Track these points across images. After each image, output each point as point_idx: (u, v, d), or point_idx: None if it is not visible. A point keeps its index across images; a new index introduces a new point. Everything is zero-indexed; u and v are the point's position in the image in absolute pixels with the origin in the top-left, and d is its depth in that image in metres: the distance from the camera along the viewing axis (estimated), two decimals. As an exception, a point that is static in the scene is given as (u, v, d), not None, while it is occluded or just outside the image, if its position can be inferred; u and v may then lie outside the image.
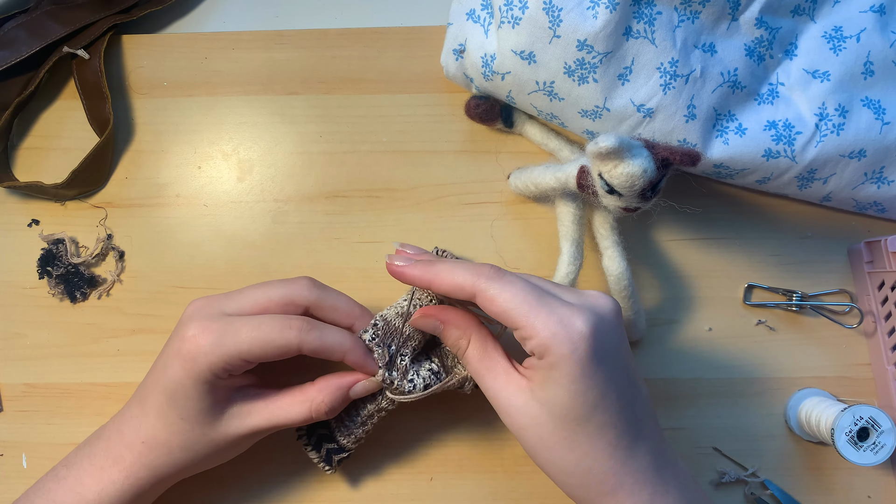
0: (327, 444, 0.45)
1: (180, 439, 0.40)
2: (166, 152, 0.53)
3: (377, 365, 0.42)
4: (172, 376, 0.39)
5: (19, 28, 0.52)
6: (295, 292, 0.42)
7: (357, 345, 0.42)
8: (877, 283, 0.49)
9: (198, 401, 0.40)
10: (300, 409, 0.41)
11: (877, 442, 0.43)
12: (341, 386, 0.42)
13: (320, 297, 0.42)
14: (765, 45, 0.46)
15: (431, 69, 0.54)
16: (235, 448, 0.43)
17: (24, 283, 0.51)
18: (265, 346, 0.39)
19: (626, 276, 0.46)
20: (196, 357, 0.39)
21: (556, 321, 0.35)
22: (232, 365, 0.39)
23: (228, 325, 0.39)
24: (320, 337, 0.40)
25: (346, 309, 0.43)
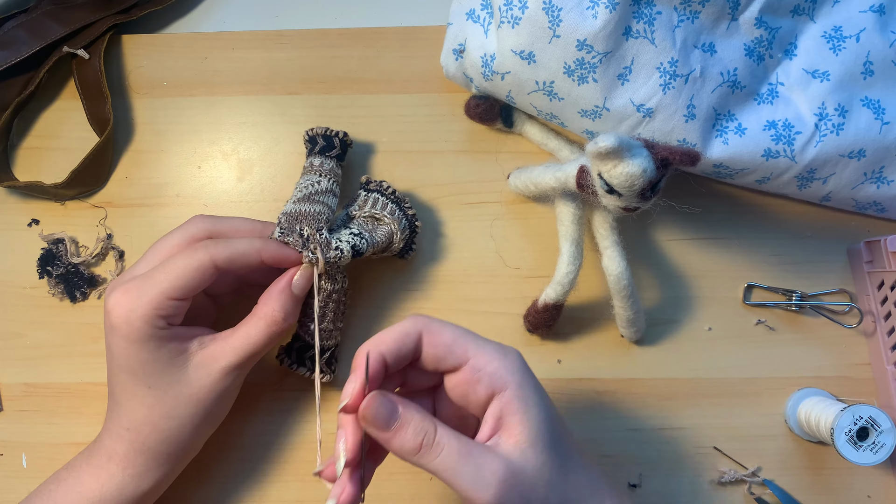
0: (308, 354, 0.46)
1: (159, 409, 0.40)
2: (166, 152, 0.53)
3: (296, 251, 0.43)
4: (118, 351, 0.39)
5: (19, 28, 0.52)
6: (192, 229, 0.42)
7: (267, 240, 0.42)
8: (876, 282, 0.49)
9: (153, 361, 0.39)
10: (258, 328, 0.41)
11: (876, 442, 0.43)
12: (282, 287, 0.42)
13: (216, 223, 0.43)
14: (764, 44, 0.46)
15: (431, 69, 0.54)
16: (220, 399, 0.42)
17: (24, 283, 0.51)
18: (181, 275, 0.39)
19: (625, 276, 0.46)
20: (127, 318, 0.39)
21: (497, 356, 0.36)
22: (163, 308, 0.39)
23: (143, 277, 0.40)
24: (228, 245, 0.41)
25: (247, 227, 0.43)
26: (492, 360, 0.35)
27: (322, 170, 0.47)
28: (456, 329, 0.36)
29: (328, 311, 0.45)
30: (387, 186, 0.49)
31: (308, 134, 0.49)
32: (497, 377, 0.35)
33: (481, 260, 0.51)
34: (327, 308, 0.45)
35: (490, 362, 0.35)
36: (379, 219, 0.47)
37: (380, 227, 0.47)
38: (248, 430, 0.48)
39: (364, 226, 0.47)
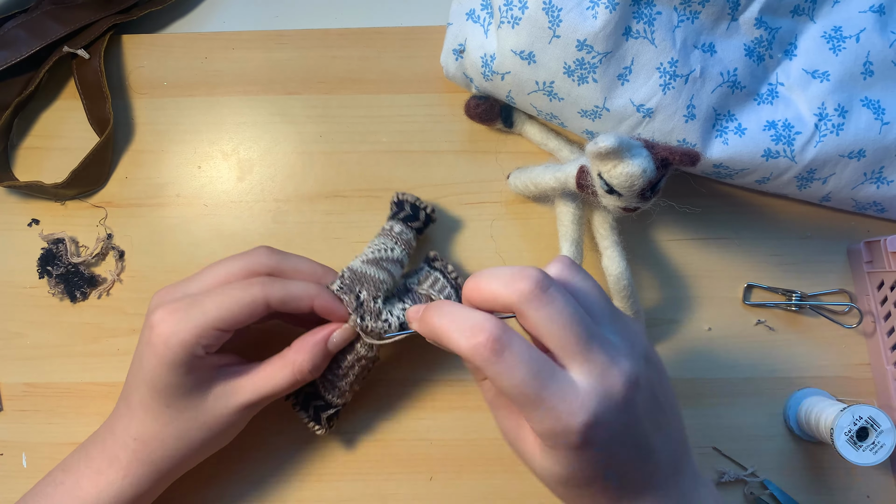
0: (314, 403, 0.45)
1: (171, 429, 0.40)
2: (166, 152, 0.53)
3: (347, 310, 0.43)
4: (148, 366, 0.39)
5: (19, 28, 0.52)
6: (254, 261, 0.42)
7: (323, 290, 0.42)
8: (876, 282, 0.49)
9: (179, 385, 0.39)
10: (283, 374, 0.41)
11: (876, 442, 0.43)
12: (317, 341, 0.42)
13: (280, 261, 0.42)
14: (764, 45, 0.46)
15: (431, 69, 0.54)
16: (229, 430, 0.42)
17: (24, 283, 0.51)
18: (232, 308, 0.39)
19: (625, 276, 0.46)
20: (167, 340, 0.38)
21: (553, 418, 0.32)
22: (205, 337, 0.39)
23: (193, 300, 0.39)
24: (284, 287, 0.40)
25: (309, 270, 0.43)
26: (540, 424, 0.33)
27: (399, 238, 0.47)
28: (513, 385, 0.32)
29: (351, 374, 0.45)
30: (451, 270, 0.48)
31: (397, 197, 0.49)
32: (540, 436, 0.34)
33: (481, 260, 0.51)
34: (352, 370, 0.45)
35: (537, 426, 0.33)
36: (434, 298, 0.46)
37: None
38: (248, 429, 0.48)
39: (418, 301, 0.46)
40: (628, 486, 0.35)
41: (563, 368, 0.32)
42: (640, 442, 0.34)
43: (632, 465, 0.34)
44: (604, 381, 0.32)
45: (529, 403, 0.32)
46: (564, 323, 0.32)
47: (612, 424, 0.32)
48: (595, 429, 0.32)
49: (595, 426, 0.32)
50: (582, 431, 0.31)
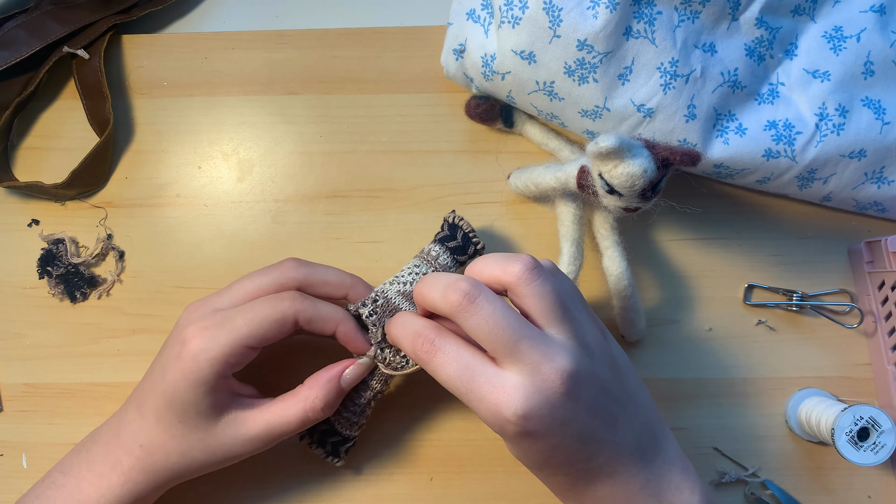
0: (331, 439, 0.45)
1: (178, 444, 0.40)
2: (166, 152, 0.53)
3: (368, 341, 0.43)
4: (172, 380, 0.39)
5: (19, 28, 0.52)
6: (283, 275, 0.42)
7: (349, 317, 0.43)
8: (877, 283, 0.49)
9: (196, 404, 0.40)
10: (295, 410, 0.41)
11: (877, 442, 0.43)
12: (331, 378, 0.42)
13: (308, 273, 0.43)
14: (765, 45, 0.46)
15: (431, 69, 0.54)
16: (232, 458, 0.42)
17: (24, 283, 0.51)
18: (262, 324, 0.39)
19: (626, 276, 0.46)
20: (196, 356, 0.39)
21: (484, 408, 0.34)
22: (234, 356, 0.39)
23: (224, 317, 0.40)
24: (314, 305, 0.41)
25: (337, 280, 0.43)
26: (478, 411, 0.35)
27: (438, 267, 0.45)
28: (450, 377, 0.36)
29: (368, 408, 0.45)
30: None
31: (452, 218, 0.46)
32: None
33: (481, 260, 0.51)
34: (369, 405, 0.45)
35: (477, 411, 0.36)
36: None
37: None
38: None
39: None
40: (579, 474, 0.37)
41: (498, 367, 0.35)
42: (585, 435, 0.36)
43: (578, 456, 0.36)
44: (535, 377, 0.34)
45: (463, 396, 0.35)
46: (491, 328, 0.34)
47: (546, 418, 0.34)
48: (527, 421, 0.34)
49: (526, 419, 0.34)
50: (513, 422, 0.34)
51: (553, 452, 0.35)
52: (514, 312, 0.35)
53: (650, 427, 0.39)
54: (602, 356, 0.37)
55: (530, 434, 0.34)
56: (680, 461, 0.39)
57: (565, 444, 0.35)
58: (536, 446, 0.35)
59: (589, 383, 0.35)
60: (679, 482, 0.39)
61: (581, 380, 0.35)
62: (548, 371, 0.34)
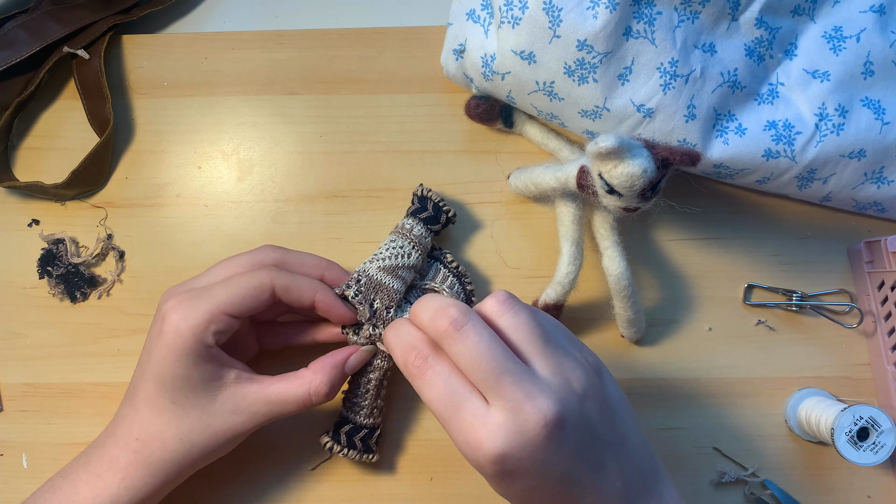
0: (358, 436, 0.45)
1: (175, 428, 0.40)
2: (166, 152, 0.53)
3: (348, 309, 0.43)
4: (157, 358, 0.39)
5: (19, 28, 0.52)
6: (259, 255, 0.43)
7: (326, 288, 0.43)
8: (877, 282, 0.49)
9: (187, 378, 0.39)
10: (298, 391, 0.41)
11: (877, 442, 0.43)
12: (336, 363, 0.42)
13: (284, 255, 0.43)
14: (765, 45, 0.46)
15: (431, 69, 0.54)
16: (233, 438, 0.41)
17: (24, 283, 0.51)
18: (240, 291, 0.40)
19: (626, 276, 0.46)
20: (177, 327, 0.39)
21: (464, 440, 0.33)
22: (215, 322, 0.39)
23: (202, 290, 0.40)
24: (290, 275, 0.42)
25: (313, 263, 0.44)
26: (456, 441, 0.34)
27: (417, 242, 0.46)
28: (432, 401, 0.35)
29: (381, 389, 0.46)
30: (451, 260, 0.48)
31: (421, 192, 0.48)
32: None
33: (481, 260, 0.51)
34: (381, 386, 0.45)
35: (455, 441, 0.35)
36: (438, 291, 0.47)
37: None
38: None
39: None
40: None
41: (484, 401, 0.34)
42: (568, 479, 0.34)
43: (560, 499, 0.35)
44: (517, 416, 0.32)
45: (444, 422, 0.34)
46: (475, 358, 0.33)
47: (525, 461, 0.33)
48: (505, 460, 0.32)
49: (504, 458, 0.32)
50: (491, 461, 0.33)
51: (532, 493, 0.34)
52: (501, 345, 0.34)
53: (642, 473, 0.37)
54: (592, 395, 0.35)
55: (508, 474, 0.33)
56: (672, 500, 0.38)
57: (547, 486, 0.34)
58: (515, 487, 0.34)
59: (574, 425, 0.33)
60: None
61: (565, 422, 0.33)
62: (530, 411, 0.32)
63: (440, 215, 0.48)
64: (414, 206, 0.48)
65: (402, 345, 0.36)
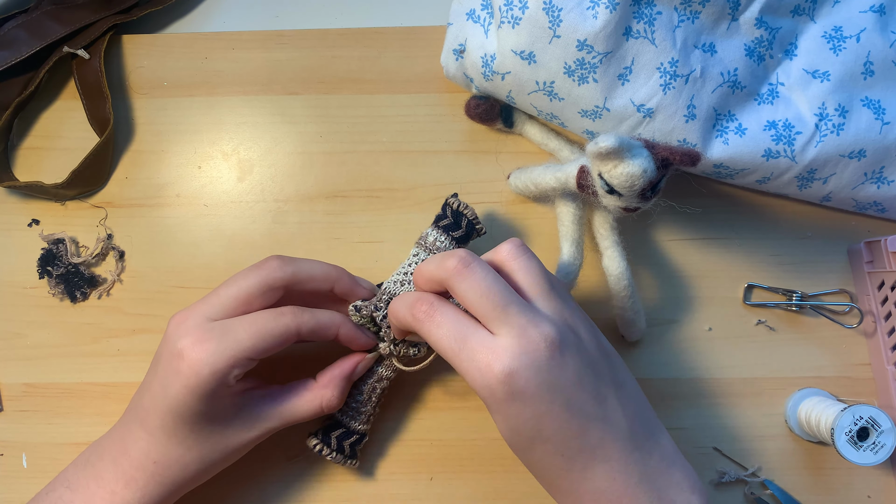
0: (346, 441, 0.45)
1: (194, 453, 0.41)
2: (166, 152, 0.53)
3: (368, 337, 0.44)
4: (174, 393, 0.39)
5: (19, 28, 0.52)
6: (270, 276, 0.42)
7: (346, 319, 0.44)
8: (877, 283, 0.49)
9: (205, 414, 0.39)
10: (311, 405, 0.43)
11: (877, 442, 0.43)
12: (345, 375, 0.44)
13: (294, 271, 0.43)
14: (765, 45, 0.46)
15: (431, 69, 0.54)
16: (245, 448, 0.43)
17: (24, 283, 0.51)
18: (265, 337, 0.40)
19: (626, 276, 0.46)
20: (199, 370, 0.38)
21: (474, 368, 0.35)
22: (238, 366, 0.39)
23: (224, 329, 0.39)
24: (314, 316, 0.42)
25: (322, 274, 0.44)
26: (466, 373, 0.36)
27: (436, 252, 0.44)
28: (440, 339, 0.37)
29: (374, 397, 0.46)
30: None
31: (454, 203, 0.45)
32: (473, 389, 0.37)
33: (481, 260, 0.51)
34: (374, 392, 0.46)
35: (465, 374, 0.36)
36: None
37: None
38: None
39: None
40: (573, 454, 0.36)
41: (489, 332, 0.36)
42: (574, 406, 0.36)
43: (568, 428, 0.36)
44: (521, 339, 0.35)
45: (455, 356, 0.36)
46: (483, 292, 0.36)
47: (532, 379, 0.35)
48: (513, 379, 0.35)
49: (512, 376, 0.35)
50: (501, 381, 0.35)
51: (541, 421, 0.36)
52: (504, 282, 0.37)
53: (645, 417, 0.39)
54: (589, 338, 0.38)
55: (517, 396, 0.35)
56: (679, 459, 0.39)
57: (553, 413, 0.35)
58: (525, 414, 0.35)
59: (574, 354, 0.36)
60: (679, 480, 0.38)
61: (566, 348, 0.36)
62: (534, 334, 0.35)
63: (472, 233, 0.45)
64: (446, 220, 0.45)
65: (408, 302, 0.39)
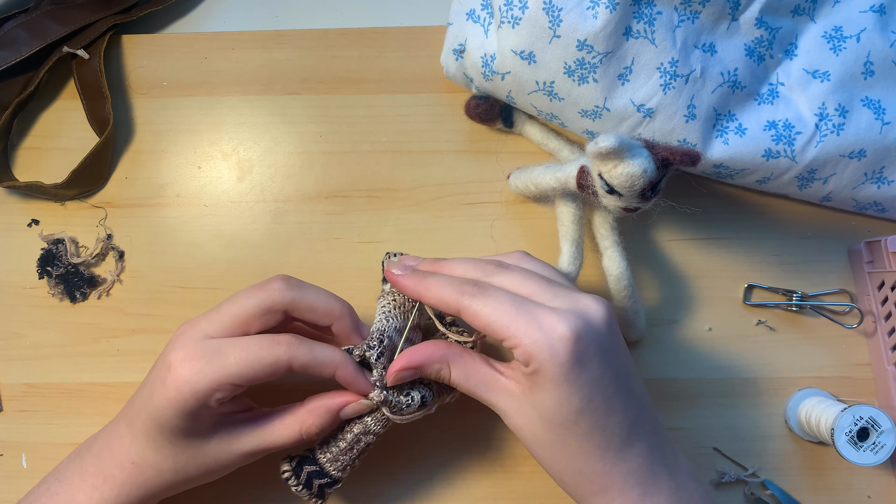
0: (318, 481, 0.43)
1: (170, 463, 0.40)
2: (166, 152, 0.53)
3: (369, 382, 0.40)
4: (158, 405, 0.39)
5: (19, 28, 0.52)
6: (270, 298, 0.40)
7: (348, 360, 0.40)
8: (877, 283, 0.49)
9: (184, 429, 0.39)
10: (290, 431, 0.41)
11: (877, 442, 0.43)
12: (331, 408, 0.41)
13: (296, 297, 0.40)
14: (765, 45, 0.46)
15: (431, 69, 0.54)
16: (223, 471, 0.42)
17: (24, 283, 0.51)
18: (254, 366, 0.38)
19: (626, 276, 0.46)
20: (181, 387, 0.38)
21: (536, 328, 0.35)
22: (220, 391, 0.38)
23: (215, 349, 0.38)
24: (310, 351, 0.39)
25: (325, 309, 0.41)
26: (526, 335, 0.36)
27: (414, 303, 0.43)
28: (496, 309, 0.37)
29: (356, 448, 0.42)
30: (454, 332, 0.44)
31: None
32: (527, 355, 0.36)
33: (481, 260, 0.51)
34: (358, 444, 0.42)
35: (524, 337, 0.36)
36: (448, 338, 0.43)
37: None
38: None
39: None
40: (614, 427, 0.36)
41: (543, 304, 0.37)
42: (620, 377, 0.37)
43: (616, 397, 0.36)
44: (578, 308, 0.37)
45: (512, 322, 0.36)
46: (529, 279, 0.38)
47: (592, 345, 0.36)
48: (579, 341, 0.35)
49: (579, 339, 0.35)
50: (568, 340, 0.35)
51: (594, 389, 0.36)
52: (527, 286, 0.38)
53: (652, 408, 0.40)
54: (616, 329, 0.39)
55: (579, 359, 0.35)
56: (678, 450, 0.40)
57: (606, 382, 0.36)
58: (581, 380, 0.35)
59: (618, 329, 0.38)
60: (685, 468, 0.39)
61: (614, 322, 0.38)
62: (590, 305, 0.37)
63: None
64: None
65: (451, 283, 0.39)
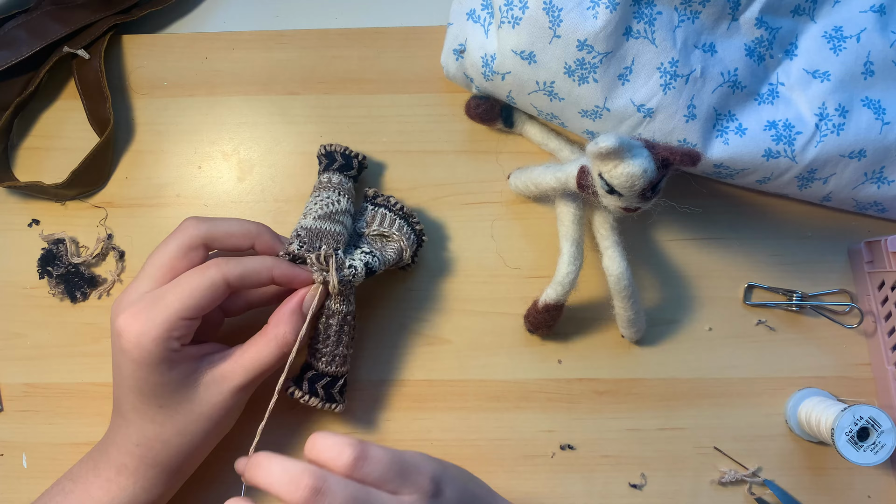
0: (320, 383, 0.45)
1: (170, 427, 0.40)
2: (166, 152, 0.53)
3: (309, 271, 0.43)
4: (128, 372, 0.39)
5: (19, 28, 0.52)
6: (186, 236, 0.41)
7: (279, 259, 0.43)
8: (877, 283, 0.49)
9: (165, 384, 0.39)
10: (269, 349, 0.42)
11: (877, 442, 0.43)
12: (293, 308, 0.42)
13: (210, 228, 0.42)
14: (765, 45, 0.46)
15: (431, 69, 0.54)
16: (227, 416, 0.42)
17: (24, 283, 0.51)
18: (193, 294, 0.39)
19: (626, 276, 0.46)
20: (139, 342, 0.38)
21: None
22: (175, 329, 0.39)
23: (153, 298, 0.39)
24: (240, 263, 0.41)
25: (242, 230, 0.43)
26: None
27: (340, 188, 0.47)
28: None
29: (343, 336, 0.45)
30: (395, 202, 0.48)
31: (324, 149, 0.49)
32: None
33: (482, 260, 0.51)
34: (342, 332, 0.45)
35: None
36: (388, 236, 0.47)
37: (389, 244, 0.47)
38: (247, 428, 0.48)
39: (374, 244, 0.47)
40: None
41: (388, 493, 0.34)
42: None
43: None
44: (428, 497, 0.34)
45: None
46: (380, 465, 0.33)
47: None
48: None
49: None
50: None
51: None
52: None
53: None
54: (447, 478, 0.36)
55: None
56: None
57: None
58: None
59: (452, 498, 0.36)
60: None
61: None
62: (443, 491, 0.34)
63: (351, 161, 0.49)
64: (324, 163, 0.49)
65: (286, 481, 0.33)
